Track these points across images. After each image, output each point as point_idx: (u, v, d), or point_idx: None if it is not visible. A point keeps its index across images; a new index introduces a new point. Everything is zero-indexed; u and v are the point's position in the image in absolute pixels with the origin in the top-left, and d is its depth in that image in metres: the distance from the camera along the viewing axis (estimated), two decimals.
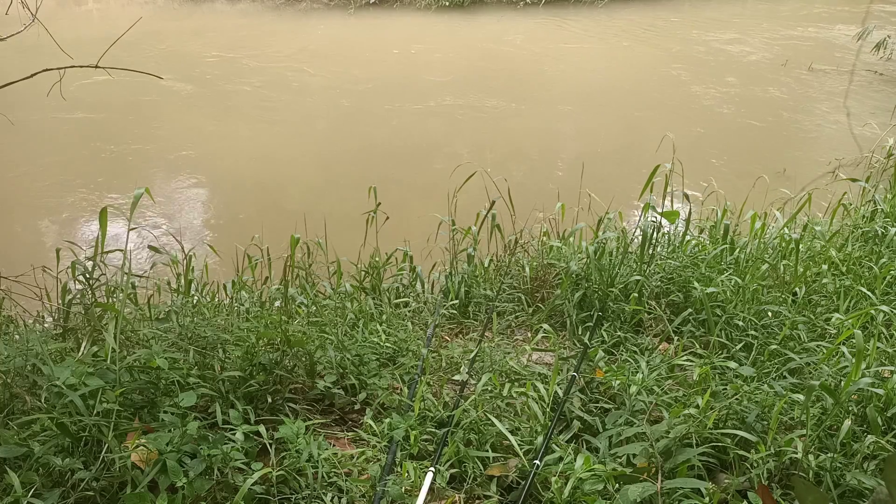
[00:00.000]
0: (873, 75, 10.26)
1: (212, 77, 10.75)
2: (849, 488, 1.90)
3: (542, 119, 9.21)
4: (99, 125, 8.75)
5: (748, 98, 9.63)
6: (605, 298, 3.09)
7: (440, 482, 2.03)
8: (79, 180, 7.38)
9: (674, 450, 1.99)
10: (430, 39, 13.46)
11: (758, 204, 4.13)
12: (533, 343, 2.88)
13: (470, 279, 3.44)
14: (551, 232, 3.88)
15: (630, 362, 2.64)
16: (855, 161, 7.06)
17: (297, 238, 3.32)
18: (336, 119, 9.17)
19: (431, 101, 9.81)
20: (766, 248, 3.62)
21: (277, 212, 6.54)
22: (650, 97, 9.82)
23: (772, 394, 2.28)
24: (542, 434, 2.16)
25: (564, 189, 4.25)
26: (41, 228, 6.41)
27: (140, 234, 5.18)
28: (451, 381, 2.62)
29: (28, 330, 2.67)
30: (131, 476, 1.86)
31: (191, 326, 2.61)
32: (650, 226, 3.21)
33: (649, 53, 11.98)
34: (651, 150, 4.07)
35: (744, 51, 11.88)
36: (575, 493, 1.91)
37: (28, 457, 1.88)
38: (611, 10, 14.77)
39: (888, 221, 3.82)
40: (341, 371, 2.54)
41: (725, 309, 2.93)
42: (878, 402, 2.17)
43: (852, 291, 3.09)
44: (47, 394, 2.06)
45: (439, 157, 7.67)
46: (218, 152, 8.16)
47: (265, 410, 2.32)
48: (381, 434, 2.23)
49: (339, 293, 3.35)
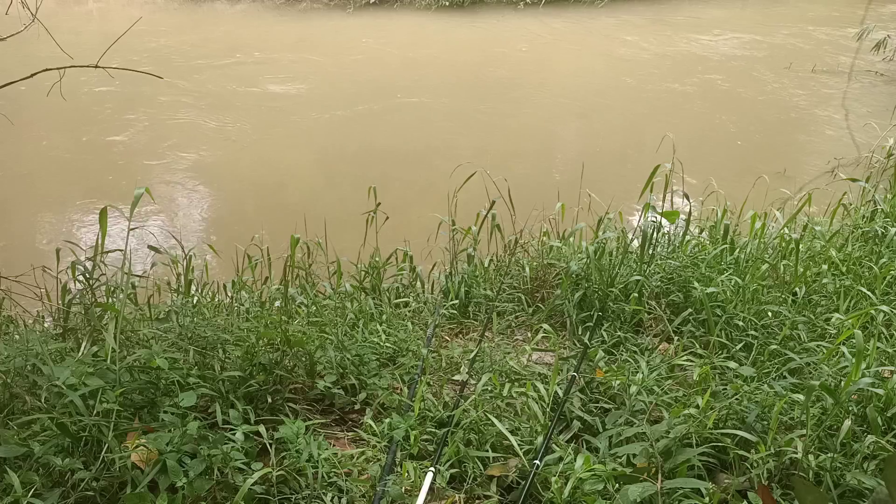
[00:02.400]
0: (873, 75, 10.27)
1: (211, 77, 10.75)
2: (849, 488, 1.90)
3: (542, 119, 9.21)
4: (99, 125, 8.75)
5: (748, 98, 9.63)
6: (605, 298, 3.09)
7: (440, 482, 2.03)
8: (79, 180, 7.39)
9: (674, 450, 1.99)
10: (429, 39, 13.46)
11: (758, 204, 4.13)
12: (533, 343, 2.88)
13: (470, 279, 3.44)
14: (551, 232, 3.88)
15: (630, 362, 2.64)
16: (855, 161, 7.06)
17: (297, 238, 3.32)
18: (336, 119, 9.17)
19: (431, 101, 9.82)
20: (766, 248, 3.62)
21: (277, 212, 6.54)
22: (650, 97, 9.82)
23: (772, 394, 2.28)
24: (542, 434, 2.16)
25: (564, 189, 4.25)
26: (41, 228, 6.41)
27: (140, 234, 5.17)
28: (451, 381, 2.62)
29: (28, 330, 2.67)
30: (131, 476, 1.86)
31: (191, 326, 2.61)
32: (650, 226, 3.21)
33: (649, 53, 11.98)
34: (651, 150, 4.08)
35: (744, 51, 11.88)
36: (575, 493, 1.91)
37: (28, 457, 1.88)
38: (611, 10, 14.77)
39: (888, 221, 3.81)
40: (341, 371, 2.54)
41: (725, 309, 2.93)
42: (878, 402, 2.17)
43: (852, 291, 3.08)
44: (47, 394, 2.06)
45: (439, 156, 7.67)
46: (218, 152, 8.16)
47: (265, 410, 2.32)
48: (381, 434, 2.23)
49: (339, 293, 3.35)
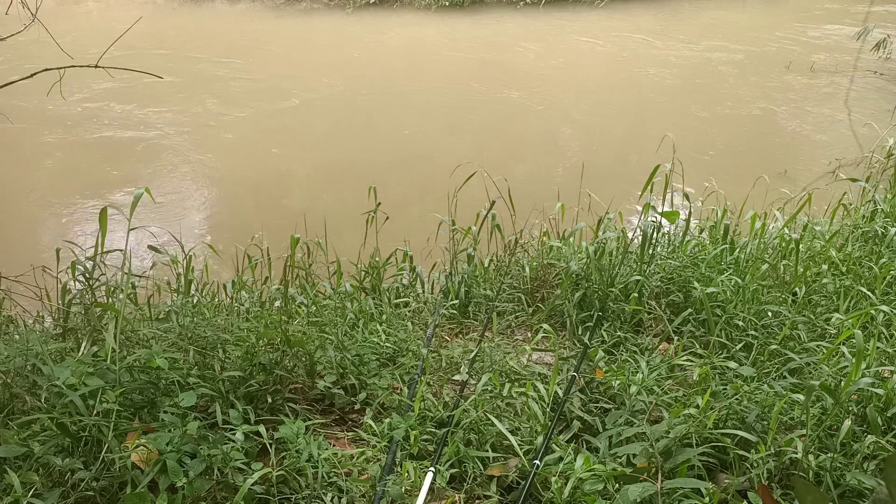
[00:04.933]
0: (873, 75, 10.27)
1: (211, 77, 10.75)
2: (849, 488, 1.90)
3: (541, 119, 9.21)
4: (98, 125, 8.75)
5: (748, 98, 9.63)
6: (605, 298, 3.09)
7: (440, 482, 2.03)
8: (79, 180, 7.39)
9: (674, 450, 1.99)
10: (429, 39, 13.46)
11: (758, 204, 4.13)
12: (533, 343, 2.88)
13: (470, 279, 3.44)
14: (551, 232, 3.88)
15: (630, 362, 2.64)
16: (855, 161, 7.05)
17: (297, 238, 3.32)
18: (336, 119, 9.17)
19: (431, 101, 9.82)
20: (766, 248, 3.62)
21: (277, 212, 6.54)
22: (650, 97, 9.82)
23: (772, 394, 2.28)
24: (542, 434, 2.16)
25: (564, 189, 4.25)
26: (41, 228, 6.41)
27: (140, 234, 5.17)
28: (451, 381, 2.62)
29: (28, 330, 2.67)
30: (131, 476, 1.86)
31: (191, 326, 2.61)
32: (650, 226, 3.21)
33: (649, 53, 11.98)
34: (651, 150, 4.08)
35: (744, 51, 11.88)
36: (575, 493, 1.91)
37: (28, 457, 1.88)
38: (611, 10, 14.76)
39: (888, 221, 3.81)
40: (341, 371, 2.54)
41: (725, 309, 2.93)
42: (878, 402, 2.17)
43: (852, 291, 3.08)
44: (47, 394, 2.06)
45: (439, 156, 7.66)
46: (218, 152, 8.16)
47: (265, 410, 2.32)
48: (381, 434, 2.23)
49: (339, 293, 3.35)
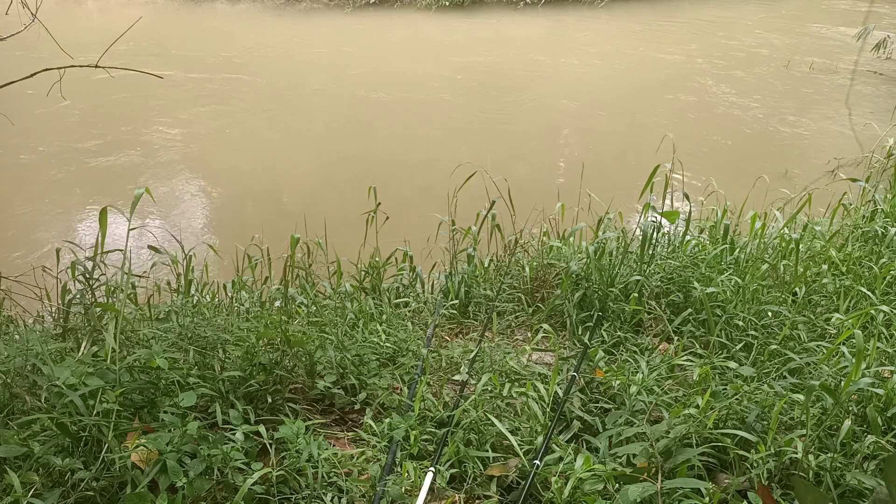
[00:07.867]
0: (873, 75, 10.27)
1: (211, 77, 10.75)
2: (849, 488, 1.90)
3: (541, 119, 9.21)
4: (99, 125, 8.75)
5: (748, 98, 9.63)
6: (605, 298, 3.09)
7: (440, 482, 2.03)
8: (79, 180, 7.39)
9: (674, 450, 1.99)
10: (429, 39, 13.46)
11: (758, 204, 4.13)
12: (533, 343, 2.87)
13: (470, 279, 3.44)
14: (551, 232, 3.87)
15: (630, 362, 2.64)
16: (855, 161, 7.06)
17: (297, 238, 3.32)
18: (336, 119, 9.18)
19: (431, 101, 9.82)
20: (766, 248, 3.62)
21: (277, 212, 6.55)
22: (650, 97, 9.83)
23: (772, 394, 2.28)
24: (542, 434, 2.16)
25: (564, 189, 4.26)
26: (41, 228, 6.41)
27: (140, 234, 5.17)
28: (451, 381, 2.62)
29: (28, 330, 2.67)
30: (131, 476, 1.86)
31: (191, 326, 2.61)
32: (650, 226, 3.21)
33: (649, 53, 11.98)
34: (651, 150, 4.08)
35: (743, 51, 11.88)
36: (575, 493, 1.91)
37: (28, 457, 1.88)
38: (610, 10, 14.77)
39: (888, 221, 3.81)
40: (341, 371, 2.54)
41: (725, 309, 2.93)
42: (878, 402, 2.17)
43: (852, 291, 3.08)
44: (47, 394, 2.06)
45: (439, 156, 7.67)
46: (218, 152, 8.16)
47: (265, 410, 2.32)
48: (381, 434, 2.23)
49: (339, 293, 3.35)
